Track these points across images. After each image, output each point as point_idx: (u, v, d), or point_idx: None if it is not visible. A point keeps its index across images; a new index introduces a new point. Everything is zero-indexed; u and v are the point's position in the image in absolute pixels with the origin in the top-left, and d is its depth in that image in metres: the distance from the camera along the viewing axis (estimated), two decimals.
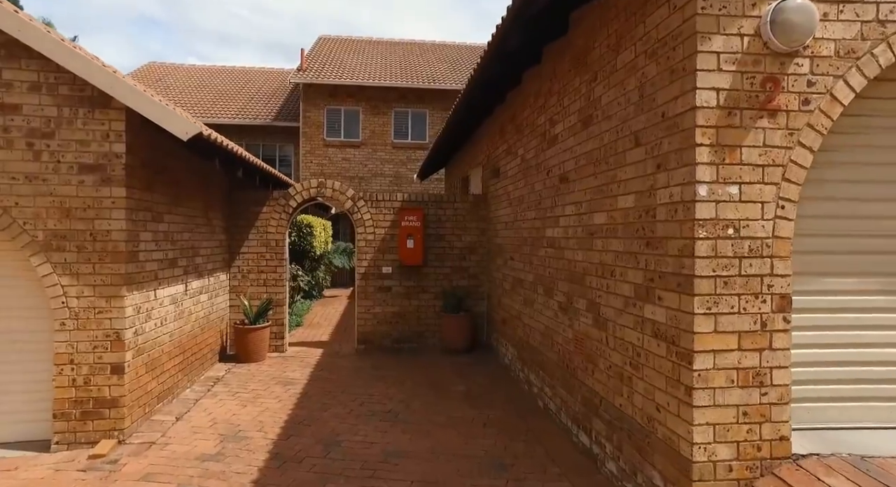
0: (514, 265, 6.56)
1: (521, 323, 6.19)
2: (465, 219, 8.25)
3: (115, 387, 4.50)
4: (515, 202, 6.48)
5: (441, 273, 8.20)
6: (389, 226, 8.08)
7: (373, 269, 8.04)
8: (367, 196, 8.09)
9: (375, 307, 8.06)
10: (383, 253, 8.07)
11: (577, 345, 4.37)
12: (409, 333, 8.13)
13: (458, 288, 8.12)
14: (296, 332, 9.47)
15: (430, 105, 17.16)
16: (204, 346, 6.63)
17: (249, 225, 7.80)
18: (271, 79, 22.45)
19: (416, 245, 7.86)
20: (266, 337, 7.45)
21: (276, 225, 7.84)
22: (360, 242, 8.05)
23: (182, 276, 5.86)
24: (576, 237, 4.42)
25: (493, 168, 7.73)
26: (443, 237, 8.21)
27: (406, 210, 7.89)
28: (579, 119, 4.35)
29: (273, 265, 7.83)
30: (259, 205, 7.82)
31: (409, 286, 8.12)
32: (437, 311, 8.16)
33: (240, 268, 7.77)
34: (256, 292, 7.79)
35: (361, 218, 8.05)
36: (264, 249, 7.82)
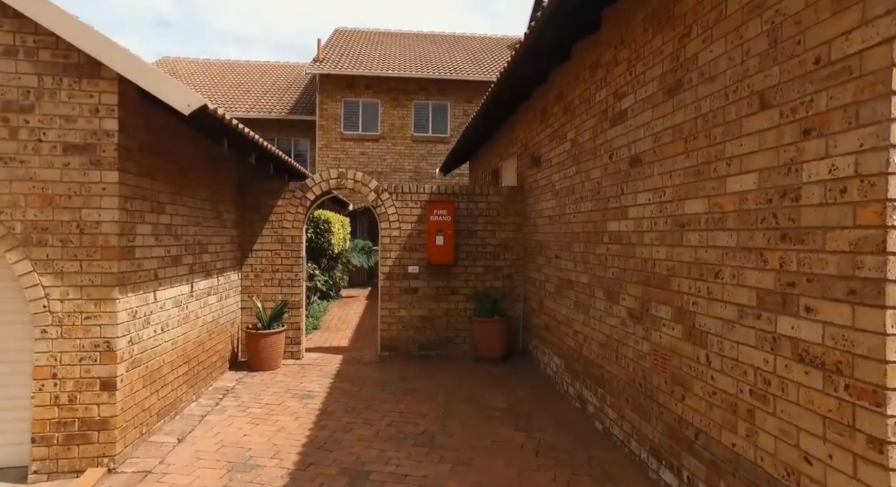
0: (560, 264, 5.79)
1: (571, 330, 5.41)
2: (500, 213, 7.49)
3: (105, 406, 3.81)
4: (563, 193, 5.70)
5: (473, 273, 7.45)
6: (416, 221, 7.35)
7: (398, 269, 7.32)
8: (393, 188, 7.37)
9: (401, 310, 7.33)
10: (409, 251, 7.34)
11: (656, 362, 3.59)
12: (437, 339, 7.40)
13: (491, 290, 7.36)
14: (312, 336, 8.79)
15: (451, 97, 16.41)
16: (212, 354, 5.96)
17: (263, 219, 7.11)
18: (287, 73, 21.87)
19: (446, 242, 7.12)
20: (281, 342, 6.76)
21: (291, 219, 7.15)
22: (384, 239, 7.33)
23: (187, 276, 5.18)
24: (655, 231, 3.64)
25: (531, 157, 6.97)
26: (475, 233, 7.46)
27: (435, 203, 7.15)
28: (660, 87, 3.57)
29: (288, 263, 7.14)
30: (273, 197, 7.13)
31: (438, 287, 7.38)
32: (469, 315, 7.41)
33: (252, 267, 7.10)
34: (270, 293, 7.11)
35: (385, 212, 7.32)
36: (279, 246, 7.13)
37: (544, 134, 6.42)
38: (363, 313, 11.39)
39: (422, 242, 7.34)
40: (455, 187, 7.50)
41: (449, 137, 16.39)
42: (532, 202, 7.00)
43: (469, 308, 7.42)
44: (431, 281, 7.37)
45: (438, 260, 7.14)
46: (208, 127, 5.26)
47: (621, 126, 4.22)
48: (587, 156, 4.98)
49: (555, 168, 6.01)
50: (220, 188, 6.20)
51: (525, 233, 7.37)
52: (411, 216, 7.35)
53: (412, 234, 7.34)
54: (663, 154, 3.53)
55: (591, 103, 4.87)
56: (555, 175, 6.00)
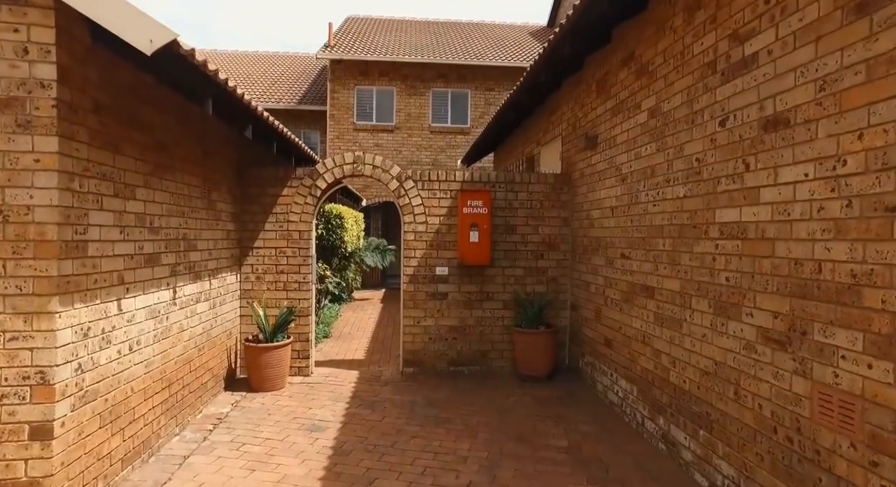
0: (629, 266, 4.66)
1: (649, 349, 4.28)
2: (543, 205, 6.37)
3: (35, 462, 2.75)
4: (635, 177, 4.57)
5: (511, 275, 6.33)
6: (446, 214, 6.24)
7: (424, 270, 6.22)
8: (418, 175, 6.27)
9: (427, 318, 6.23)
10: (437, 249, 6.24)
11: (826, 412, 2.45)
12: (469, 353, 6.29)
13: (533, 296, 6.24)
14: (323, 346, 7.72)
15: (472, 84, 15.29)
16: (203, 372, 4.89)
17: (266, 211, 6.05)
18: (297, 63, 20.88)
19: (482, 238, 6.01)
20: (286, 357, 5.68)
21: (299, 212, 6.07)
22: (408, 235, 6.23)
23: (168, 278, 4.12)
24: (821, 219, 2.50)
25: (583, 137, 5.84)
26: (514, 229, 6.34)
27: (469, 193, 6.04)
28: (838, 4, 2.43)
29: (296, 264, 6.07)
30: (278, 185, 6.06)
31: (471, 292, 6.27)
32: (507, 325, 6.29)
33: (253, 268, 6.03)
34: (274, 298, 6.04)
35: (409, 203, 6.22)
36: (285, 243, 6.06)
37: (603, 108, 5.29)
38: (379, 318, 10.30)
39: (452, 239, 6.24)
40: (491, 174, 6.38)
41: (469, 128, 15.28)
42: (585, 191, 5.86)
43: (507, 316, 6.30)
44: (463, 284, 6.26)
45: (472, 260, 6.03)
46: (192, 85, 4.20)
47: (744, 78, 3.08)
48: (678, 126, 3.85)
49: (620, 147, 4.87)
50: (214, 172, 5.14)
51: (574, 228, 6.23)
52: (440, 208, 6.24)
53: (441, 230, 6.24)
54: (841, 105, 2.39)
55: (686, 57, 3.73)
56: (620, 156, 4.87)
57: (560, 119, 6.85)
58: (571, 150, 6.36)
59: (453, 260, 6.25)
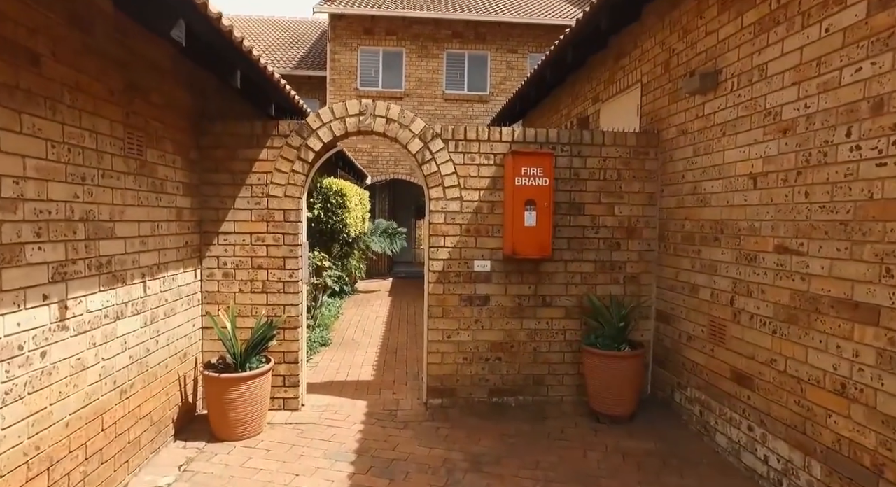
0: (799, 265, 2.92)
1: (862, 409, 2.57)
2: (621, 175, 4.61)
3: None
4: (818, 122, 2.81)
5: (577, 272, 4.60)
6: (488, 186, 4.49)
7: (457, 265, 4.49)
8: (451, 132, 4.50)
9: (460, 332, 4.52)
10: (476, 235, 4.50)
11: None
12: (518, 378, 4.60)
13: (606, 300, 4.52)
14: (319, 358, 6.03)
15: (491, 45, 13.38)
16: (129, 425, 3.21)
17: (237, 182, 4.31)
18: (295, 27, 18.95)
19: (542, 221, 4.26)
20: (263, 390, 4.00)
21: (283, 183, 4.34)
22: (435, 216, 4.49)
23: (46, 287, 2.40)
24: None
25: (688, 77, 4.05)
26: (581, 208, 4.59)
27: (523, 157, 4.26)
28: None
29: (279, 256, 4.35)
30: (255, 145, 4.32)
31: (522, 295, 4.56)
32: (570, 340, 4.59)
33: (220, 262, 4.31)
34: (250, 304, 4.34)
35: (437, 172, 4.47)
36: (264, 227, 4.33)
37: (734, 26, 3.50)
38: (388, 316, 8.61)
39: (496, 222, 4.50)
40: (549, 132, 4.60)
41: (489, 95, 13.41)
42: (689, 155, 4.10)
43: (571, 328, 4.60)
44: (511, 285, 4.54)
45: (527, 252, 4.28)
46: None
47: None
48: None
49: (777, 81, 3.10)
50: (152, 121, 3.39)
51: (667, 207, 4.48)
52: (479, 179, 4.49)
53: (481, 209, 4.49)
54: None
55: None
56: (779, 94, 3.09)
57: (638, 61, 5.04)
58: (661, 100, 4.57)
59: (497, 251, 4.51)
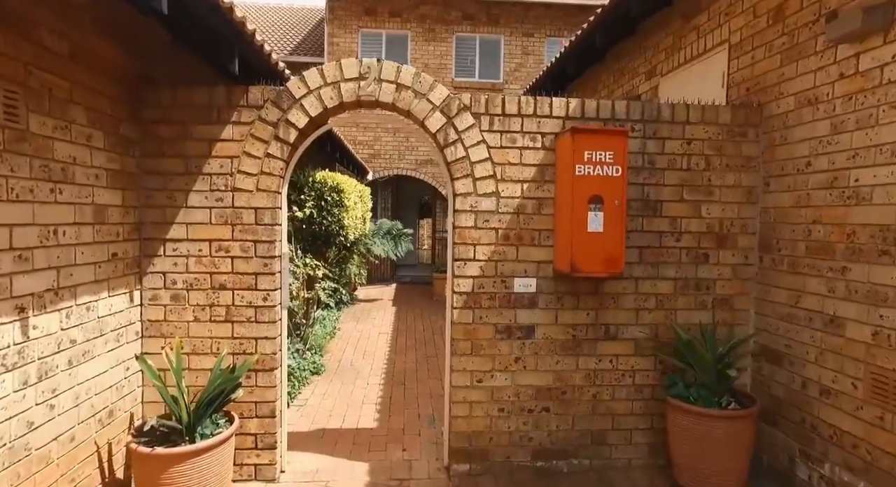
0: None
1: None
2: (710, 164, 3.43)
3: None
4: None
5: (652, 293, 3.42)
6: (533, 178, 3.32)
7: (491, 284, 3.31)
8: (483, 104, 3.32)
9: (495, 374, 3.34)
10: (517, 244, 3.32)
11: None
12: (571, 436, 3.42)
13: (695, 332, 3.35)
14: (309, 394, 4.86)
15: (505, 29, 12.19)
16: None
17: (191, 171, 3.13)
18: (291, 14, 17.76)
19: (612, 224, 3.07)
20: (223, 465, 2.82)
21: (255, 172, 3.16)
22: (462, 217, 3.30)
23: None
24: None
25: (834, 18, 2.87)
26: (657, 207, 3.41)
27: (586, 136, 3.05)
28: None
29: (250, 271, 3.17)
30: (215, 120, 3.14)
31: (577, 325, 3.38)
32: (641, 385, 3.42)
33: (167, 280, 3.14)
34: (209, 337, 3.17)
35: (466, 157, 3.29)
36: (229, 233, 3.16)
37: None
38: (393, 331, 7.44)
39: (545, 226, 3.32)
40: (615, 105, 3.41)
41: (503, 84, 12.22)
42: (824, 132, 2.92)
43: (642, 369, 3.42)
44: (564, 311, 3.36)
45: (591, 267, 3.08)
46: None
47: None
48: None
49: None
50: (41, 71, 2.22)
51: (775, 206, 3.30)
52: (522, 167, 3.31)
53: (524, 208, 3.32)
54: None
55: None
56: None
57: (724, 15, 3.85)
58: (765, 63, 3.38)
59: (546, 265, 3.34)
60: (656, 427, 3.45)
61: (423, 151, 12.15)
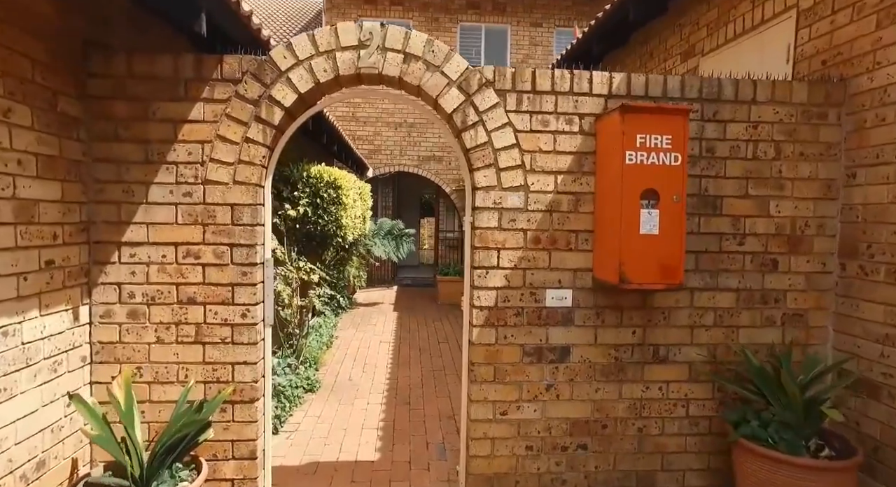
0: None
1: None
2: (780, 151, 2.85)
3: None
4: None
5: (710, 307, 2.84)
6: (569, 168, 2.74)
7: (517, 296, 2.73)
8: (508, 77, 2.73)
9: (522, 405, 2.77)
10: (550, 248, 2.74)
11: None
12: (613, 477, 2.85)
13: (764, 354, 2.77)
14: (303, 415, 4.28)
15: (512, 17, 11.60)
16: None
17: (152, 159, 2.55)
18: (288, 5, 17.17)
19: (669, 225, 2.49)
20: None
21: (232, 161, 2.58)
22: (482, 215, 2.72)
23: None
24: None
25: None
26: (716, 204, 2.83)
27: (638, 116, 2.47)
28: None
29: (227, 282, 2.60)
30: (182, 96, 2.56)
31: (621, 346, 2.80)
32: (698, 418, 2.85)
33: (122, 293, 2.56)
34: (175, 363, 2.59)
35: (488, 142, 2.71)
36: (199, 234, 2.58)
37: None
38: (395, 339, 6.86)
39: (583, 226, 2.75)
40: (668, 81, 2.83)
41: None
42: None
43: (698, 398, 2.85)
44: (605, 328, 2.79)
45: (644, 277, 2.50)
46: None
47: None
48: None
49: None
50: None
51: (864, 202, 2.72)
52: (556, 155, 2.73)
53: (558, 205, 2.74)
54: None
55: None
56: None
57: None
58: (850, 28, 2.81)
59: (584, 273, 2.76)
60: (714, 467, 2.88)
61: (426, 147, 11.56)
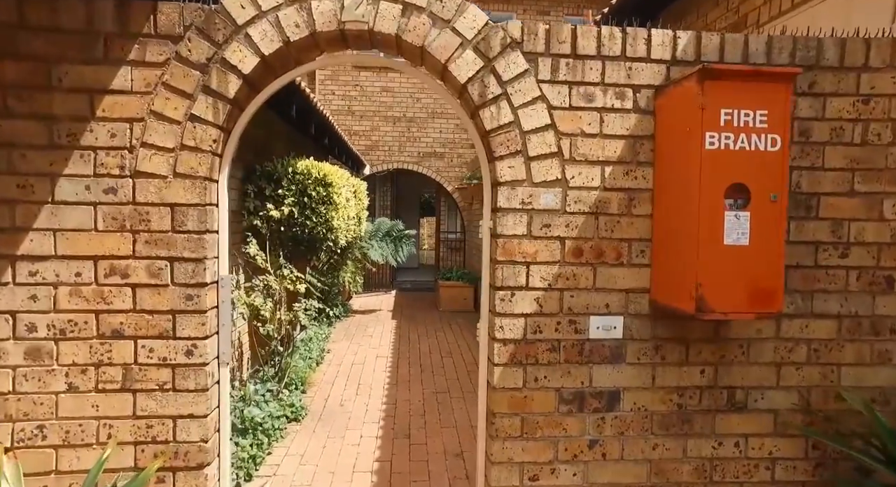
0: None
1: None
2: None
3: None
4: None
5: (802, 338, 2.18)
6: (620, 157, 2.07)
7: (551, 325, 2.07)
8: (541, 36, 2.07)
9: (559, 467, 2.11)
10: (593, 262, 2.08)
11: None
12: None
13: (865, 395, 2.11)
14: (284, 453, 3.61)
15: (518, 5, 10.93)
16: None
17: (58, 142, 1.89)
18: None
19: (763, 232, 1.83)
20: None
21: (173, 146, 1.92)
22: (506, 219, 2.05)
23: None
24: None
25: None
26: (810, 203, 2.17)
27: (723, 84, 1.82)
28: None
29: (166, 308, 1.93)
30: (99, 58, 1.89)
31: (685, 389, 2.14)
32: (787, 484, 2.18)
33: (17, 326, 1.90)
34: (94, 418, 1.93)
35: (514, 122, 2.04)
36: (127, 245, 1.92)
37: None
38: (393, 354, 6.19)
39: (638, 233, 2.08)
40: (744, 40, 2.17)
41: None
42: None
43: (787, 457, 2.19)
44: (664, 367, 2.13)
45: (730, 304, 1.84)
46: None
47: None
48: None
49: None
50: None
51: None
52: (603, 140, 2.07)
53: (605, 205, 2.08)
54: None
55: None
56: None
57: None
58: None
59: (639, 295, 2.10)
60: None
61: (426, 143, 10.90)
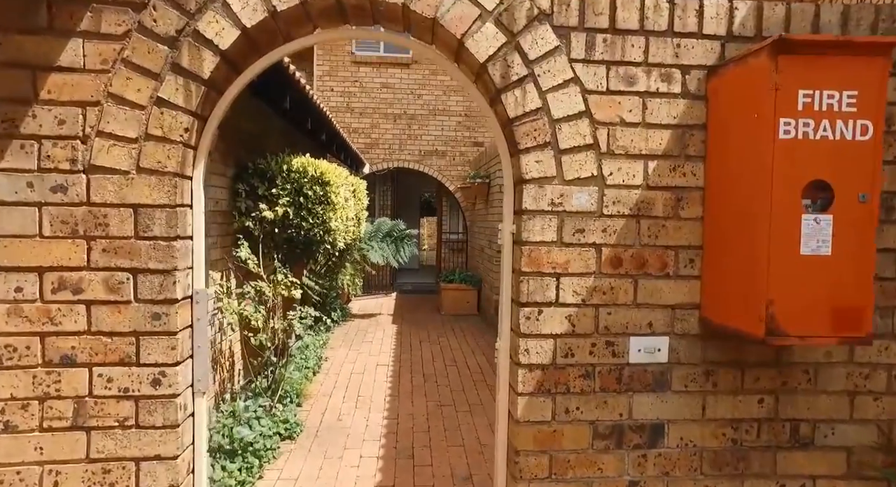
0: None
1: None
2: None
3: None
4: None
5: (879, 363, 1.87)
6: (665, 150, 1.76)
7: (585, 348, 1.75)
8: (574, 7, 1.75)
9: None
10: (634, 274, 1.76)
11: None
12: None
13: None
14: (277, 476, 3.28)
15: None
16: None
17: None
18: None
19: (850, 242, 1.52)
20: None
21: (135, 136, 1.60)
22: (533, 223, 1.74)
23: None
24: None
25: None
26: (892, 205, 1.85)
27: (803, 60, 1.50)
28: None
29: (127, 330, 1.61)
30: (43, 28, 1.58)
31: (740, 421, 1.83)
32: None
33: None
34: (37, 462, 1.60)
35: (542, 109, 1.72)
36: (81, 254, 1.60)
37: None
38: (395, 362, 5.86)
39: (688, 240, 1.77)
40: (814, 11, 1.86)
41: None
42: None
43: None
44: (716, 396, 1.81)
45: (806, 326, 1.53)
46: None
47: None
48: None
49: None
50: None
51: None
52: (647, 130, 1.76)
53: (647, 207, 1.76)
54: None
55: None
56: None
57: None
58: None
59: (688, 311, 1.78)
60: None
61: (428, 141, 10.58)
